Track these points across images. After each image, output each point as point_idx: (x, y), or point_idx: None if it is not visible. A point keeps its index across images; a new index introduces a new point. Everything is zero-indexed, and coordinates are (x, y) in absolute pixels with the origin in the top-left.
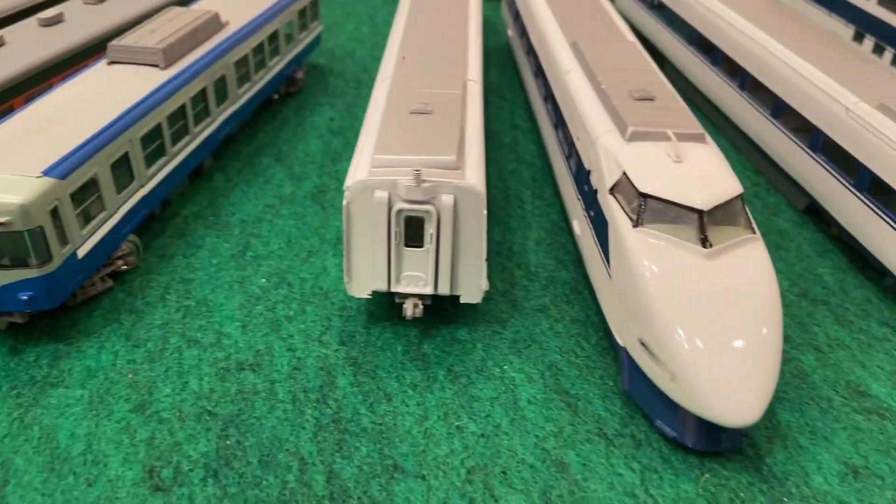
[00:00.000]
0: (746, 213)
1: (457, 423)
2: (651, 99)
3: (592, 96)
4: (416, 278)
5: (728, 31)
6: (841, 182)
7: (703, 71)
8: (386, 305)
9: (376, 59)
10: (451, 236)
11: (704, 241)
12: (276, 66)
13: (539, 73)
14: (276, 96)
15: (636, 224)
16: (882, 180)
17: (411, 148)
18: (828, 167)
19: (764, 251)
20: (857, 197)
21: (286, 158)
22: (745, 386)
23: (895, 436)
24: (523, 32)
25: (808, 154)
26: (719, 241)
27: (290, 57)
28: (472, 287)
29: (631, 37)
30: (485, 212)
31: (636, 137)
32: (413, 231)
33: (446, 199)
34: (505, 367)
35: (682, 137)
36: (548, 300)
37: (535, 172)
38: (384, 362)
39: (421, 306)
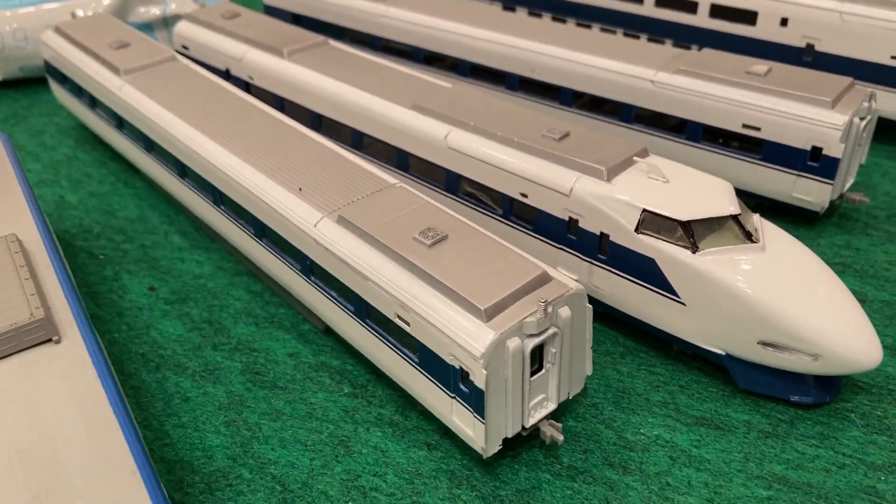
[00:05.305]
0: (741, 200)
1: None
2: (567, 135)
3: (510, 151)
4: (542, 402)
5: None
6: (668, 139)
7: None
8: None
9: (110, 215)
10: (570, 344)
11: (750, 237)
12: None
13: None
14: None
15: (694, 250)
16: (714, 127)
17: (497, 281)
18: (647, 132)
19: (775, 226)
20: (692, 146)
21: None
22: (865, 334)
23: (869, 310)
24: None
25: (625, 126)
26: (753, 231)
27: None
28: (580, 378)
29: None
30: (589, 305)
31: (612, 174)
32: (534, 359)
33: (565, 313)
34: (641, 430)
35: (644, 157)
36: None
37: None
38: (555, 499)
39: (559, 424)
